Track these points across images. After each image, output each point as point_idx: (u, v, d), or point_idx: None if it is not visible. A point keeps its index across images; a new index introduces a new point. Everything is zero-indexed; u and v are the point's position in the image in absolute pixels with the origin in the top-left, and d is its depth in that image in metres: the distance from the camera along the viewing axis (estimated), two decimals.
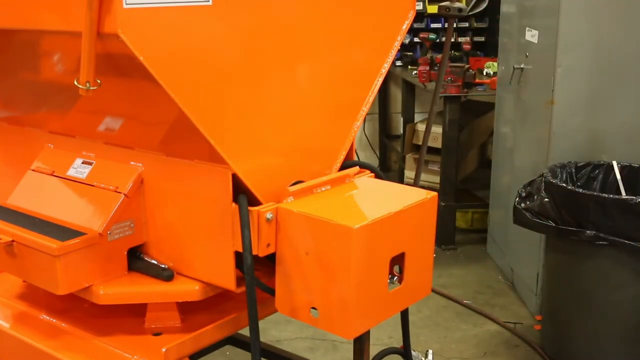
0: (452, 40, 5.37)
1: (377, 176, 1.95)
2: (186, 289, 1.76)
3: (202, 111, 1.55)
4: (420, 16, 5.36)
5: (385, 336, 3.22)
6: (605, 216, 2.78)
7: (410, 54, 5.38)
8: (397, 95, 5.97)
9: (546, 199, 2.96)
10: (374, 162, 5.99)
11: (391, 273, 1.71)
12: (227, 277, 1.70)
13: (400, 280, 1.74)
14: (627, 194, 3.13)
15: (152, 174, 1.78)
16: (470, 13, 5.36)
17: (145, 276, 1.80)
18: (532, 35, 3.62)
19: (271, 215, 1.65)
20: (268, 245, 1.67)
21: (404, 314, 1.98)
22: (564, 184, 2.99)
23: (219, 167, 1.64)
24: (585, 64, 3.29)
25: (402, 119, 5.68)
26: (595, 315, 3.00)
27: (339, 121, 1.90)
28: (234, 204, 1.64)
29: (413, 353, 2.02)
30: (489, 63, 4.95)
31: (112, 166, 1.84)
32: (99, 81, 1.52)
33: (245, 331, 1.73)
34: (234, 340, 2.40)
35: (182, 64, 1.51)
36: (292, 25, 1.72)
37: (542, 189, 3.01)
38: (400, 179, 5.27)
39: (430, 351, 2.03)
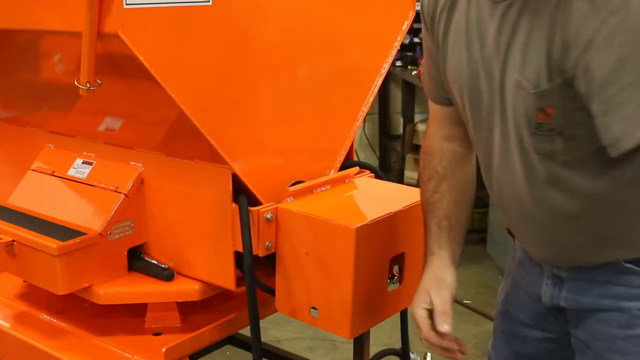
0: None
1: (377, 176, 1.95)
2: (186, 289, 1.76)
3: (202, 111, 1.55)
4: (420, 16, 5.35)
5: (385, 336, 3.22)
6: None
7: (410, 54, 5.38)
8: (397, 95, 5.97)
9: None
10: (374, 162, 5.98)
11: (391, 273, 1.71)
12: (227, 277, 1.70)
13: (400, 280, 1.74)
14: None
15: (152, 174, 1.78)
16: None
17: (145, 276, 1.80)
18: None
19: (271, 215, 1.65)
20: (268, 245, 1.67)
21: (403, 315, 1.98)
22: None
23: (219, 167, 1.64)
24: None
25: (402, 119, 5.68)
26: None
27: (339, 121, 1.90)
28: (234, 204, 1.64)
29: (411, 355, 2.01)
30: None
31: (112, 166, 1.84)
32: (99, 81, 1.52)
33: (245, 331, 1.73)
34: (234, 340, 2.40)
35: (182, 64, 1.51)
36: (292, 25, 1.72)
37: None
38: (400, 179, 5.27)
39: (429, 354, 2.02)
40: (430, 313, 1.42)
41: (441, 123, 1.56)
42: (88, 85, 1.51)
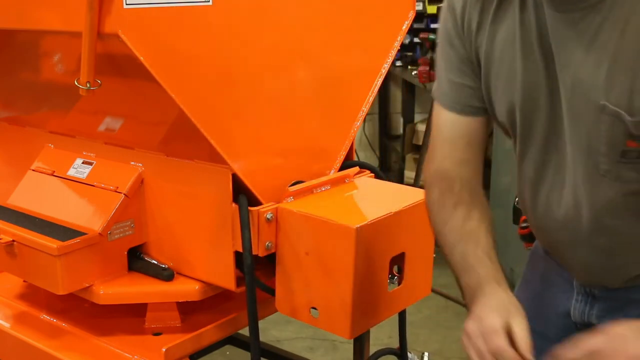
0: None
1: (377, 176, 1.95)
2: (186, 289, 1.76)
3: (202, 111, 1.55)
4: (420, 16, 5.34)
5: (385, 336, 3.22)
6: None
7: (410, 54, 5.38)
8: (397, 95, 5.97)
9: None
10: (374, 162, 5.98)
11: (391, 273, 1.71)
12: (227, 277, 1.70)
13: (400, 280, 1.74)
14: None
15: (152, 174, 1.78)
16: None
17: (145, 276, 1.80)
18: None
19: (271, 215, 1.65)
20: (268, 245, 1.67)
21: (402, 315, 1.98)
22: None
23: (219, 167, 1.64)
24: None
25: (402, 119, 5.68)
26: None
27: (339, 121, 1.90)
28: (234, 204, 1.64)
29: (409, 355, 2.02)
30: None
31: (112, 166, 1.84)
32: (99, 81, 1.52)
33: (246, 331, 1.73)
34: (234, 340, 2.40)
35: (182, 64, 1.51)
36: (292, 25, 1.72)
37: None
38: (400, 179, 5.27)
39: (426, 353, 2.02)
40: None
41: (457, 143, 1.40)
42: (88, 85, 1.51)
